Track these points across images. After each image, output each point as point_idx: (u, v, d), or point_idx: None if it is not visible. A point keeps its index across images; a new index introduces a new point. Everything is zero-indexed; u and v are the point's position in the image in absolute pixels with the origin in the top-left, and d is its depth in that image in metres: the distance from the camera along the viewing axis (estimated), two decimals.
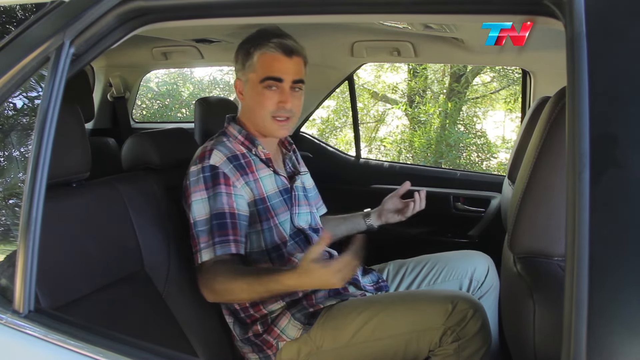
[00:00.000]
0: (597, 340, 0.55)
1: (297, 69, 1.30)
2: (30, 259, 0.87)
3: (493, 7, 0.77)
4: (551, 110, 0.89)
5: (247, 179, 1.30)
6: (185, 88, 7.06)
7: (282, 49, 1.27)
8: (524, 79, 2.17)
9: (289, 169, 1.45)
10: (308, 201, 1.47)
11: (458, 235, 2.17)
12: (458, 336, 1.14)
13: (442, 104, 6.11)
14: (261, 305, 1.28)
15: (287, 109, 1.30)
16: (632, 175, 0.57)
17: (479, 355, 1.14)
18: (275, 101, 1.29)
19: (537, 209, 0.91)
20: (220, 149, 1.30)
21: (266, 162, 1.36)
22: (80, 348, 0.83)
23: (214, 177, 1.25)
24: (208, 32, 2.12)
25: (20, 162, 1.03)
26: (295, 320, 1.25)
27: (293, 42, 1.30)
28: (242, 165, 1.31)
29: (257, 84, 1.29)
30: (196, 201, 1.25)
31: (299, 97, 1.33)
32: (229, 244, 1.21)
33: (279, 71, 1.28)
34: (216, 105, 2.04)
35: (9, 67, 0.96)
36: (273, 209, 1.32)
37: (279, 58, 1.27)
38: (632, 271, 0.56)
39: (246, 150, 1.35)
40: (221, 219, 1.23)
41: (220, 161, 1.27)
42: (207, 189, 1.25)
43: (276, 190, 1.36)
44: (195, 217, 1.25)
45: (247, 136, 1.36)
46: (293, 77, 1.29)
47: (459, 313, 1.14)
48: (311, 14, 0.94)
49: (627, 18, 0.61)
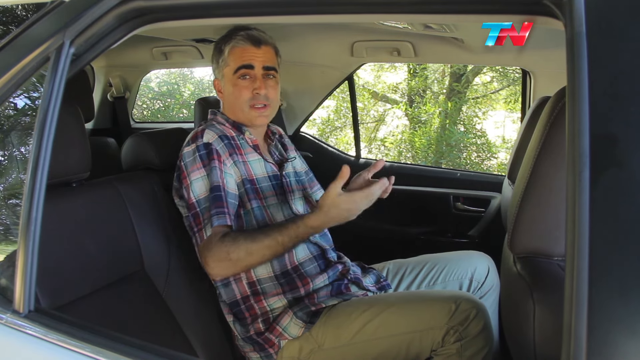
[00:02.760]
0: (597, 340, 0.55)
1: (267, 57, 1.36)
2: (30, 259, 0.87)
3: (493, 7, 0.77)
4: (551, 110, 0.89)
5: (237, 159, 1.34)
6: (186, 88, 7.06)
7: (250, 40, 1.35)
8: (524, 79, 2.17)
9: (276, 157, 1.47)
10: (301, 185, 1.49)
11: (458, 235, 2.17)
12: (461, 336, 1.14)
13: (442, 103, 6.11)
14: (264, 300, 1.29)
15: (262, 95, 1.35)
16: (632, 175, 0.57)
17: (481, 355, 1.14)
18: (250, 89, 1.35)
19: (537, 209, 0.91)
20: (212, 129, 1.35)
21: (254, 148, 1.40)
22: (80, 348, 0.83)
23: (208, 153, 1.29)
24: (208, 32, 2.11)
25: (20, 162, 1.02)
26: (297, 319, 1.25)
27: (260, 32, 1.37)
28: (232, 145, 1.35)
29: (231, 76, 1.36)
30: (196, 179, 1.28)
31: (274, 85, 1.38)
32: (225, 216, 1.23)
33: (249, 59, 1.34)
34: (216, 105, 2.04)
35: (9, 67, 0.96)
36: (262, 191, 1.35)
37: (248, 48, 1.35)
38: (632, 271, 0.56)
39: (235, 134, 1.39)
40: (216, 191, 1.26)
41: (213, 138, 1.32)
42: (204, 166, 1.28)
43: (265, 175, 1.38)
44: (197, 195, 1.26)
45: (234, 123, 1.41)
46: (263, 64, 1.35)
47: (462, 313, 1.14)
48: (311, 14, 0.94)
49: (627, 18, 0.61)
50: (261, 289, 1.31)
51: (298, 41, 2.21)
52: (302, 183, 1.50)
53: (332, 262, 1.39)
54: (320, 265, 1.37)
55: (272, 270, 1.31)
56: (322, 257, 1.39)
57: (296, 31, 2.14)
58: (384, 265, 1.54)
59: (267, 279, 1.31)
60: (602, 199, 0.57)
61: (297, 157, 1.58)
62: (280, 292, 1.30)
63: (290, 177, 1.45)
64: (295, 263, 1.33)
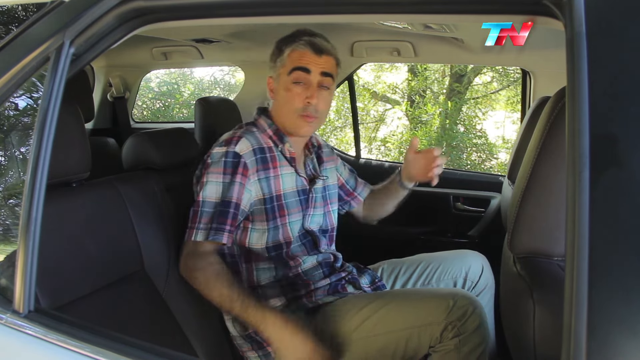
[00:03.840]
0: (597, 340, 0.55)
1: (326, 65, 1.31)
2: (30, 259, 0.87)
3: (493, 7, 0.77)
4: (551, 110, 0.89)
5: (267, 174, 1.31)
6: (186, 88, 7.07)
7: (312, 47, 1.30)
8: (524, 79, 2.17)
9: (309, 171, 1.44)
10: (326, 201, 1.47)
11: (458, 235, 2.17)
12: (459, 331, 1.14)
13: (443, 104, 6.11)
14: (263, 300, 1.29)
15: (313, 106, 1.30)
16: (632, 175, 0.57)
17: (479, 351, 1.15)
18: (302, 97, 1.30)
19: (537, 209, 0.91)
20: (249, 138, 1.32)
21: (290, 161, 1.37)
22: (80, 348, 0.83)
23: (234, 164, 1.27)
24: (208, 32, 2.12)
25: (20, 162, 1.02)
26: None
27: (324, 41, 1.32)
28: (265, 159, 1.32)
29: (285, 77, 1.31)
30: (211, 182, 1.27)
31: (326, 97, 1.34)
32: (222, 233, 1.24)
33: (307, 63, 1.30)
34: (216, 105, 2.05)
35: (9, 67, 0.96)
36: (287, 207, 1.33)
37: (308, 54, 1.30)
38: (632, 271, 0.56)
39: (273, 145, 1.36)
40: (226, 207, 1.25)
41: (246, 150, 1.29)
42: (225, 174, 1.27)
43: (294, 190, 1.36)
44: (205, 196, 1.26)
45: (276, 131, 1.37)
46: (321, 70, 1.30)
47: (460, 309, 1.14)
48: (311, 14, 0.94)
49: (627, 18, 0.61)
50: (262, 292, 1.32)
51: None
52: (326, 198, 1.48)
53: (336, 270, 1.41)
54: (325, 272, 1.39)
55: (274, 276, 1.33)
56: (329, 265, 1.41)
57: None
58: (379, 265, 1.54)
59: (269, 284, 1.32)
60: (602, 199, 0.57)
61: (336, 167, 1.56)
62: (281, 294, 1.31)
63: (317, 193, 1.43)
64: (299, 272, 1.34)
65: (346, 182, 1.59)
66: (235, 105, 2.16)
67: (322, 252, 1.40)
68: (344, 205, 1.60)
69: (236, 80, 6.88)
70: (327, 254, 1.41)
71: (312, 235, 1.39)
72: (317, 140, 1.52)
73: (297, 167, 1.38)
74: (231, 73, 6.97)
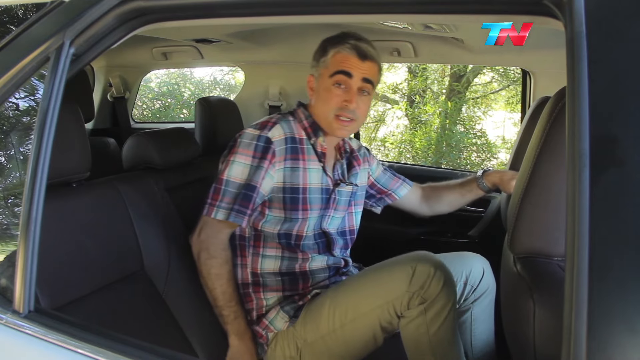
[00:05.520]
0: (597, 340, 0.55)
1: (369, 71, 1.31)
2: (30, 259, 0.87)
3: (493, 7, 0.77)
4: (551, 110, 0.89)
5: (295, 164, 1.31)
6: (186, 88, 7.07)
7: (357, 51, 1.29)
8: (524, 79, 2.17)
9: (337, 175, 1.43)
10: (351, 202, 1.47)
11: (458, 235, 2.17)
12: (423, 299, 1.15)
13: (442, 104, 6.11)
14: (262, 293, 1.33)
15: (351, 110, 1.29)
16: (632, 175, 0.57)
17: (445, 311, 1.16)
18: (341, 99, 1.29)
19: (537, 209, 0.91)
20: (283, 125, 1.32)
21: (320, 156, 1.36)
22: (80, 348, 0.83)
23: (265, 149, 1.27)
24: (208, 32, 2.12)
25: (20, 162, 1.02)
26: (284, 313, 1.29)
27: (369, 47, 1.31)
28: (296, 149, 1.32)
29: (326, 78, 1.31)
30: (239, 162, 1.27)
31: (365, 101, 1.33)
32: (243, 217, 1.26)
33: (350, 68, 1.29)
34: (217, 105, 2.05)
35: (9, 67, 0.96)
36: (310, 202, 1.33)
37: (352, 58, 1.29)
38: (632, 271, 0.56)
39: (305, 137, 1.36)
40: (251, 191, 1.26)
41: (278, 137, 1.29)
42: (254, 157, 1.27)
43: (319, 187, 1.36)
44: (230, 175, 1.27)
45: (312, 124, 1.36)
46: (363, 75, 1.29)
47: (420, 275, 1.15)
48: (311, 14, 0.94)
49: (627, 18, 0.61)
50: (262, 281, 1.33)
51: (298, 41, 2.21)
52: (351, 202, 1.48)
53: (340, 273, 1.42)
54: (330, 274, 1.39)
55: (279, 267, 1.33)
56: (336, 269, 1.41)
57: (296, 31, 2.14)
58: None
59: (271, 274, 1.33)
60: (602, 199, 0.57)
61: (369, 169, 1.55)
62: (279, 289, 1.33)
63: (341, 196, 1.42)
64: (305, 269, 1.35)
65: (377, 181, 1.58)
66: (236, 105, 2.16)
67: (334, 255, 1.40)
68: (378, 202, 1.60)
69: (236, 81, 6.88)
70: (338, 259, 1.41)
71: (327, 237, 1.39)
72: (350, 145, 1.50)
73: (326, 165, 1.38)
74: (231, 73, 6.98)
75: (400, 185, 1.61)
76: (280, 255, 1.34)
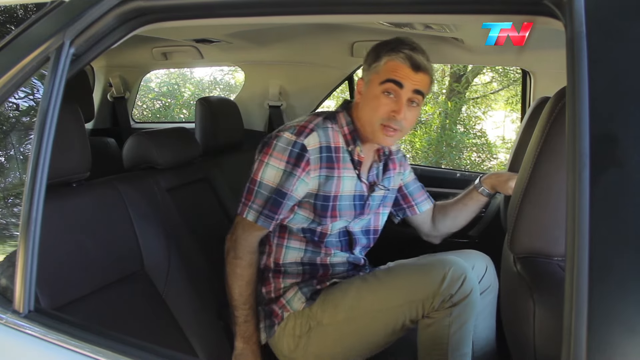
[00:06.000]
0: (597, 340, 0.55)
1: (421, 83, 1.27)
2: (30, 259, 0.87)
3: (493, 7, 0.77)
4: (551, 110, 0.89)
5: (330, 173, 1.31)
6: (187, 88, 7.07)
7: (410, 62, 1.25)
8: (524, 79, 2.17)
9: (372, 177, 1.42)
10: (381, 206, 1.47)
11: (458, 235, 2.16)
12: (452, 302, 1.18)
13: (442, 104, 6.11)
14: (281, 280, 1.35)
15: (398, 121, 1.26)
16: (632, 175, 0.57)
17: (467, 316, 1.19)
18: (389, 109, 1.26)
19: (537, 209, 0.91)
20: (320, 133, 1.30)
21: (355, 165, 1.36)
22: (80, 348, 0.83)
23: (299, 157, 1.27)
24: (208, 32, 2.12)
25: (20, 162, 1.02)
26: (301, 294, 1.31)
27: (424, 58, 1.27)
28: (331, 158, 1.31)
29: (377, 85, 1.27)
30: (272, 166, 1.28)
31: (414, 112, 1.30)
32: (272, 221, 1.28)
33: (402, 77, 1.25)
34: (217, 105, 2.05)
35: (9, 67, 0.96)
36: (339, 209, 1.34)
37: (405, 68, 1.25)
38: (632, 271, 0.56)
39: (343, 144, 1.34)
40: (281, 197, 1.27)
41: (314, 146, 1.28)
42: (288, 163, 1.27)
43: (352, 194, 1.36)
44: (263, 178, 1.28)
45: (352, 132, 1.34)
46: (414, 87, 1.26)
47: (453, 279, 1.18)
48: (311, 14, 0.94)
49: (627, 18, 0.61)
50: (284, 270, 1.36)
51: (298, 41, 2.21)
52: (385, 201, 1.48)
53: (358, 269, 1.44)
54: (349, 268, 1.42)
55: (301, 258, 1.37)
56: (356, 265, 1.43)
57: (296, 31, 2.14)
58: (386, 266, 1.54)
59: (293, 263, 1.36)
60: (602, 199, 0.57)
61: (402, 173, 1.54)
62: (299, 276, 1.36)
63: (374, 201, 1.42)
64: (326, 262, 1.38)
65: (405, 187, 1.56)
66: (236, 105, 2.16)
67: (354, 254, 1.42)
68: (398, 211, 1.58)
69: (236, 81, 6.89)
70: (358, 257, 1.44)
71: (350, 236, 1.41)
72: (389, 149, 1.47)
73: (361, 172, 1.37)
74: (231, 73, 6.98)
75: (424, 200, 1.59)
76: (303, 247, 1.36)
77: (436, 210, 1.59)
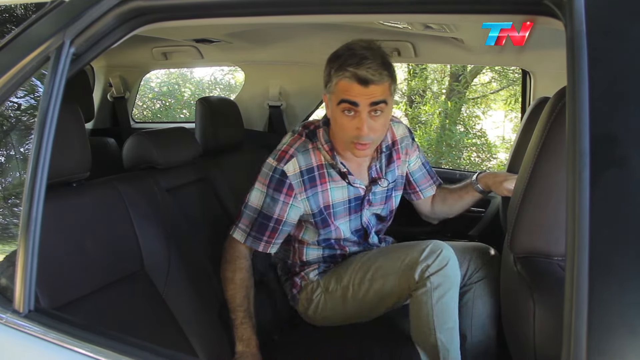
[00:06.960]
0: (597, 340, 0.55)
1: (375, 94, 1.24)
2: (30, 259, 0.87)
3: (493, 7, 0.77)
4: (551, 110, 0.89)
5: (315, 190, 1.37)
6: (187, 88, 7.06)
7: (357, 79, 1.23)
8: (524, 79, 2.17)
9: (373, 173, 1.44)
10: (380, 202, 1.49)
11: (458, 235, 2.17)
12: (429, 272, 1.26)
13: (442, 104, 6.11)
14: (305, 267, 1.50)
15: (364, 136, 1.26)
16: (632, 175, 0.57)
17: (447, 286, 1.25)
18: (353, 127, 1.26)
19: (537, 209, 0.91)
20: (299, 159, 1.36)
21: (343, 176, 1.40)
22: (80, 348, 0.83)
23: (279, 183, 1.35)
24: (208, 32, 2.12)
25: (20, 162, 1.02)
26: (317, 271, 1.49)
27: (371, 71, 1.22)
28: (313, 177, 1.38)
29: (335, 106, 1.28)
30: (257, 189, 1.38)
31: (381, 118, 1.28)
32: (259, 243, 1.38)
33: (354, 97, 1.24)
34: (217, 105, 2.05)
35: (9, 66, 0.96)
36: (334, 215, 1.42)
37: (355, 87, 1.24)
38: (632, 271, 0.56)
39: (325, 162, 1.38)
40: (266, 220, 1.36)
41: (293, 172, 1.35)
42: (269, 187, 1.36)
43: (344, 199, 1.42)
44: (250, 200, 1.39)
45: (331, 148, 1.38)
46: (370, 101, 1.24)
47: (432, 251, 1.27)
48: (311, 14, 0.94)
49: (627, 18, 0.61)
50: (308, 262, 1.51)
51: (298, 41, 2.21)
52: (389, 194, 1.50)
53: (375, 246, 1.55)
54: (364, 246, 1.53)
55: (321, 254, 1.50)
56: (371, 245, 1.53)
57: (296, 31, 2.14)
58: None
59: (315, 259, 1.50)
60: (602, 199, 0.57)
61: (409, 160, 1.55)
62: (321, 263, 1.51)
63: (375, 195, 1.46)
64: (346, 252, 1.50)
65: (411, 174, 1.57)
66: (236, 105, 2.16)
67: (369, 243, 1.52)
68: (404, 194, 1.61)
69: (236, 81, 6.88)
70: (373, 242, 1.54)
71: (364, 230, 1.49)
72: (393, 135, 1.49)
73: (352, 179, 1.40)
74: (231, 73, 6.97)
75: (429, 186, 1.61)
76: (322, 248, 1.49)
77: (436, 195, 1.63)
